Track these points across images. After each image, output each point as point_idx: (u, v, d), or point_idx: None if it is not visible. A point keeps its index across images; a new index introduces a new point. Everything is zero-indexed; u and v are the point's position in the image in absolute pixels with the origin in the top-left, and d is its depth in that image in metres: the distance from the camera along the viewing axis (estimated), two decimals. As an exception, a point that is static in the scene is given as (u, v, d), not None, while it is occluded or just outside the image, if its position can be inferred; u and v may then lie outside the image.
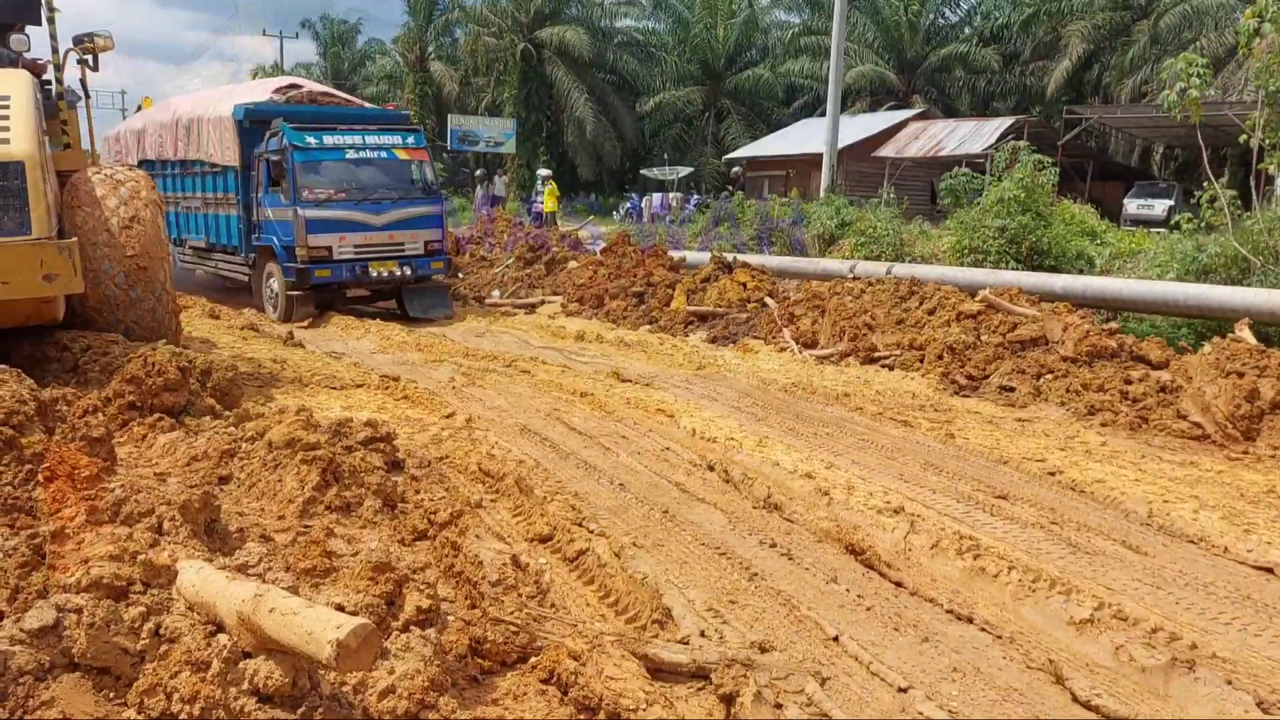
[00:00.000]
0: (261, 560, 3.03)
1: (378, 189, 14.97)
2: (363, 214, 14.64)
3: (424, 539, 4.96)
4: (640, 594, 4.22)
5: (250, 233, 15.59)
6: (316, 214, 14.22)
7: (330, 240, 14.37)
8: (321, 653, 2.17)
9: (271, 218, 14.77)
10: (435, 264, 15.43)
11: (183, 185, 18.10)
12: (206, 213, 17.15)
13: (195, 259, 18.64)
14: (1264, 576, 4.91)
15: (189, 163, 17.38)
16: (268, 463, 5.54)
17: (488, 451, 6.84)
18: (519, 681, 3.45)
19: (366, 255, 14.69)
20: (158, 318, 8.34)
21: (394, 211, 14.92)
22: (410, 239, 15.01)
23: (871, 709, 3.47)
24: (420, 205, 15.24)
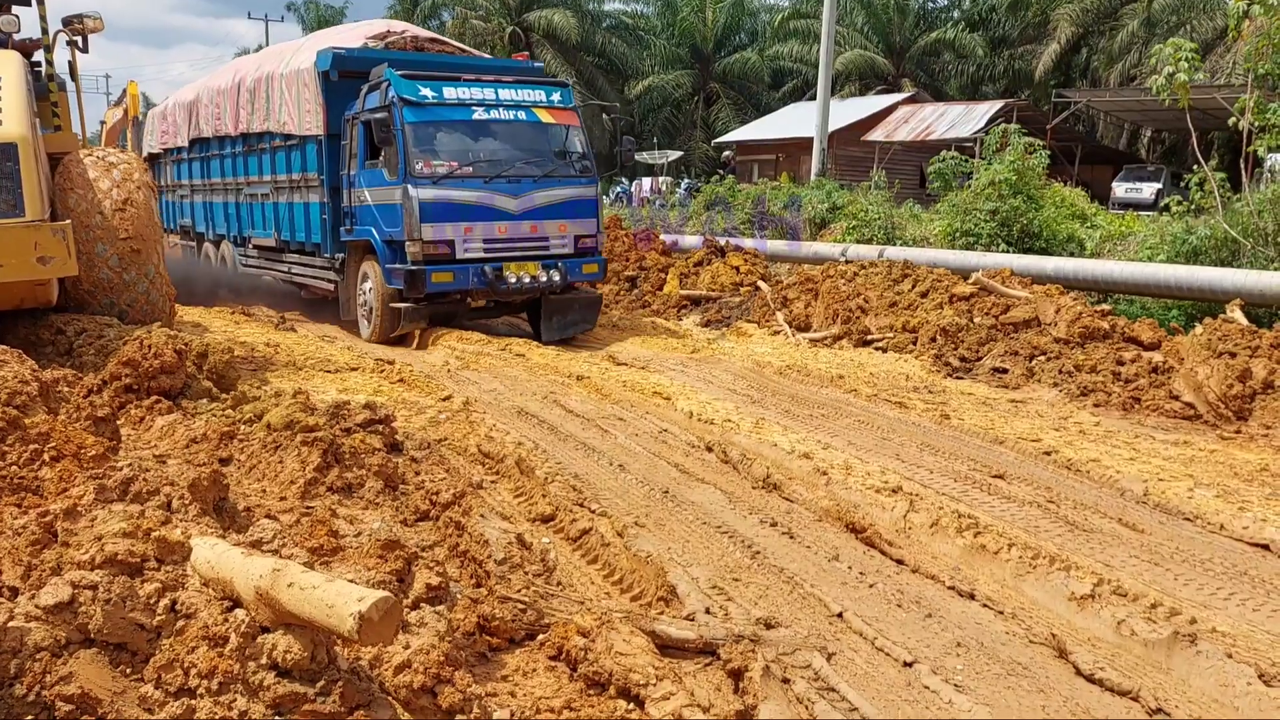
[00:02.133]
0: (275, 537, 3.04)
1: (515, 163, 11.21)
2: (497, 196, 10.93)
3: (426, 519, 4.97)
4: (645, 572, 4.24)
5: (338, 225, 12.15)
6: (435, 195, 10.58)
7: (453, 232, 10.69)
8: (343, 626, 2.17)
9: (369, 202, 11.23)
10: (588, 267, 11.59)
11: (246, 167, 14.56)
12: (278, 201, 13.63)
13: (262, 262, 14.88)
14: (1260, 553, 4.97)
15: (254, 138, 14.00)
16: (268, 444, 5.53)
17: (486, 434, 6.85)
18: (528, 658, 3.47)
19: (500, 253, 10.97)
20: (151, 300, 8.31)
21: (537, 194, 11.17)
22: (557, 232, 11.33)
23: (878, 683, 3.50)
24: (570, 186, 11.43)
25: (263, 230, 14.45)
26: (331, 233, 12.29)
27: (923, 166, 28.65)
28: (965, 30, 40.78)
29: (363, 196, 11.48)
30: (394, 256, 11.06)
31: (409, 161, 10.63)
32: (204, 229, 17.00)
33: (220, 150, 15.42)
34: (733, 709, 3.19)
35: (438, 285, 10.81)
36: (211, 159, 16.01)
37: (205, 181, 16.45)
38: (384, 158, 10.90)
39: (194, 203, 17.38)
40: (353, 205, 11.74)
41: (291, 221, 13.39)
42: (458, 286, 10.98)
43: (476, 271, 10.88)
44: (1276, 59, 12.98)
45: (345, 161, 11.82)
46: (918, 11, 43.47)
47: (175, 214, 18.82)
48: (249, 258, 15.43)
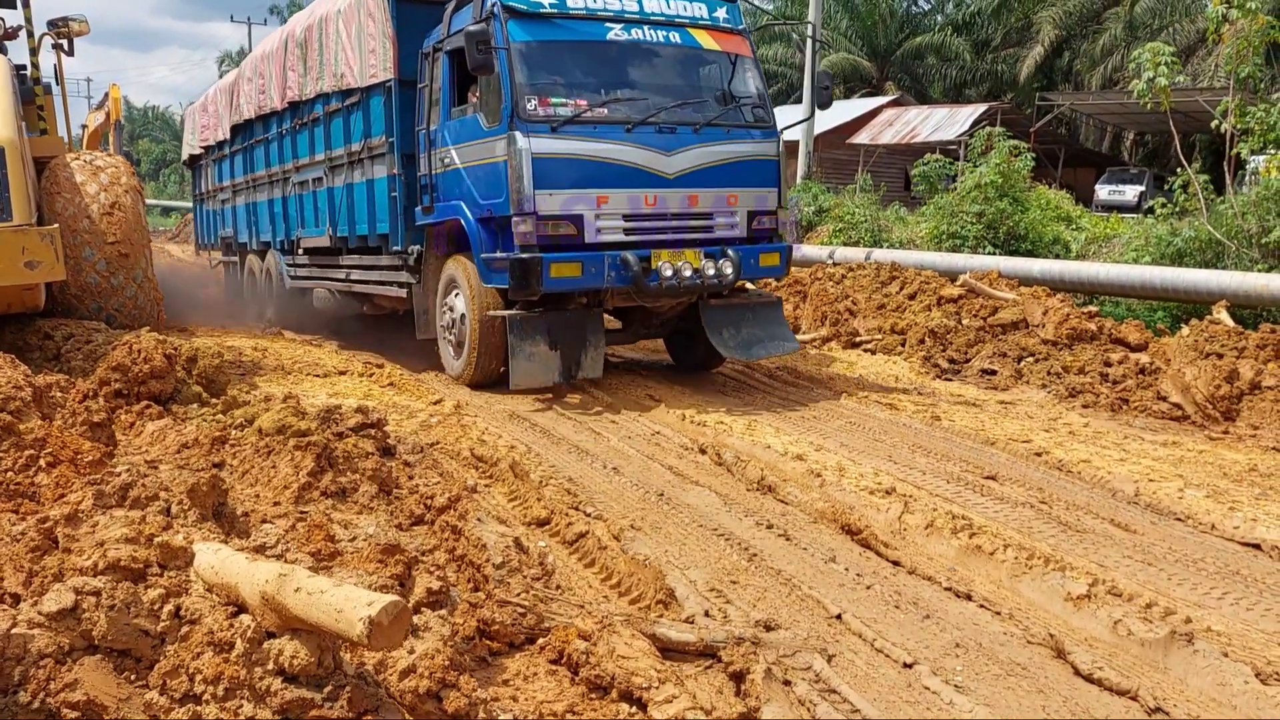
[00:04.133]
0: (279, 542, 3.02)
1: (668, 105, 8.02)
2: (643, 152, 7.76)
3: (421, 524, 4.95)
4: (643, 575, 4.24)
5: (412, 206, 9.10)
6: (554, 148, 7.53)
7: (580, 203, 7.62)
8: (352, 630, 2.17)
9: (458, 164, 8.26)
10: (767, 258, 8.40)
11: (294, 148, 11.91)
12: (333, 185, 10.81)
13: (313, 270, 12.03)
14: (1251, 553, 5.00)
15: (305, 106, 11.39)
16: (260, 449, 5.51)
17: (479, 437, 6.84)
18: (528, 662, 3.46)
19: (647, 235, 7.90)
20: (139, 305, 8.26)
21: (698, 151, 8.01)
22: (725, 205, 8.19)
23: (879, 684, 3.50)
24: (743, 141, 8.30)
25: (314, 227, 11.60)
26: (404, 217, 9.21)
27: (907, 169, 28.78)
28: (950, 34, 40.99)
29: (448, 158, 8.43)
30: (493, 241, 7.93)
31: (517, 98, 7.44)
32: (246, 238, 14.45)
33: (265, 133, 12.98)
34: (735, 711, 3.19)
35: (559, 282, 7.49)
36: (254, 147, 13.62)
37: (247, 178, 14.06)
38: (479, 99, 7.91)
39: (235, 207, 15.01)
40: (434, 173, 8.65)
41: (350, 209, 10.39)
42: (588, 283, 7.65)
43: (614, 262, 7.57)
44: (1257, 62, 13.12)
45: (423, 113, 8.84)
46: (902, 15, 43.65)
47: (215, 224, 16.49)
48: (298, 266, 12.48)
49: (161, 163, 54.25)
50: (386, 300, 10.50)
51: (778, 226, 8.65)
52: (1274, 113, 12.16)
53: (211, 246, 17.07)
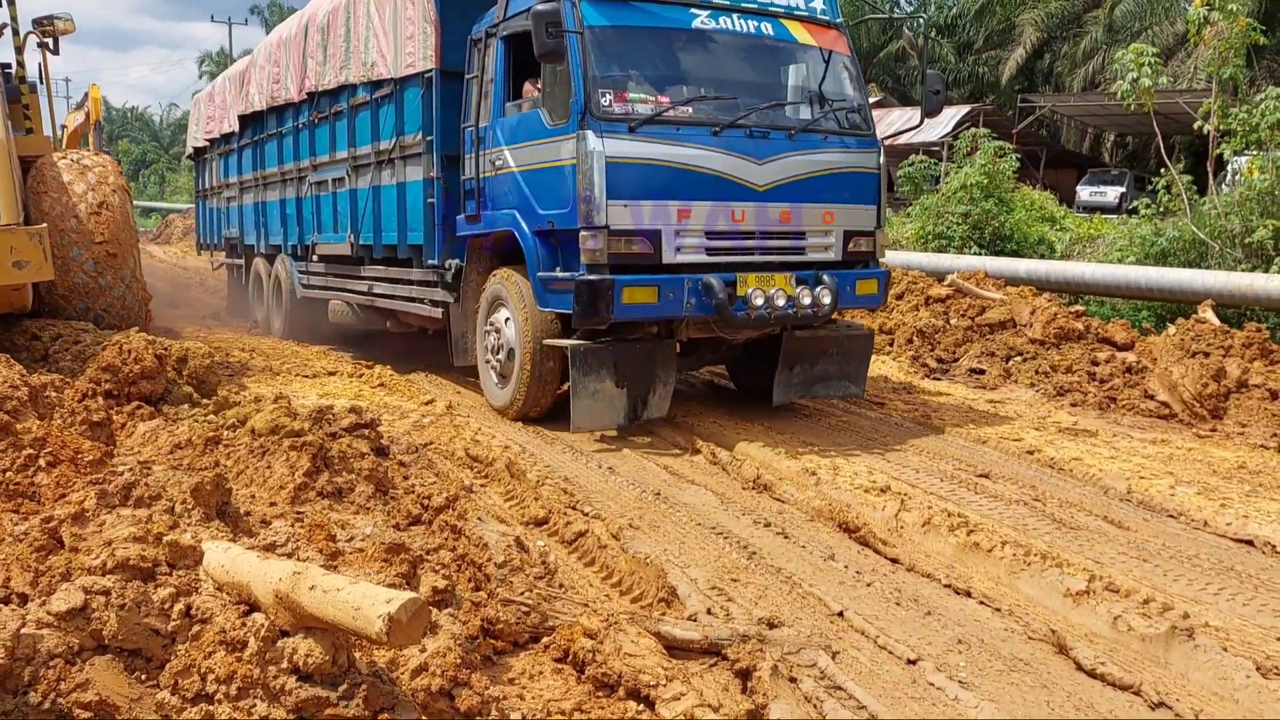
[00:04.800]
0: (289, 540, 3.01)
1: (759, 105, 7.07)
2: (733, 159, 6.79)
3: (419, 524, 4.93)
4: (644, 574, 4.24)
5: (452, 214, 8.10)
6: (632, 151, 6.53)
7: (659, 216, 6.61)
8: (371, 628, 2.16)
9: (512, 167, 7.24)
10: (865, 285, 7.40)
11: (312, 144, 10.82)
12: (356, 187, 9.76)
13: (329, 280, 10.95)
14: (1244, 549, 5.05)
15: (327, 98, 10.34)
16: (255, 450, 5.47)
17: (472, 437, 6.82)
18: (533, 661, 3.45)
19: (732, 255, 6.91)
20: (127, 305, 8.20)
21: (791, 159, 7.01)
22: (819, 223, 7.20)
23: (883, 681, 3.51)
24: (841, 150, 7.32)
25: (333, 233, 10.55)
26: (443, 226, 8.14)
27: (891, 170, 28.87)
28: (932, 35, 41.17)
29: (499, 160, 7.39)
30: (552, 258, 6.89)
31: (590, 92, 6.42)
32: (254, 240, 13.28)
33: (279, 126, 11.88)
34: (743, 709, 3.19)
35: (632, 309, 6.48)
36: (265, 141, 12.55)
37: (257, 174, 12.91)
38: (542, 92, 6.92)
39: (242, 206, 13.81)
40: (481, 177, 7.58)
41: (376, 215, 9.33)
42: (664, 312, 6.62)
43: (696, 286, 6.57)
44: (1238, 63, 13.25)
45: (470, 108, 7.77)
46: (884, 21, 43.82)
47: (218, 223, 15.25)
48: (312, 275, 11.38)
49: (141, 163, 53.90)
50: (415, 318, 9.32)
51: (876, 249, 7.61)
52: (1256, 114, 12.28)
53: (214, 247, 15.92)
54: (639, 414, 6.90)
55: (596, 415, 6.79)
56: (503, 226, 7.39)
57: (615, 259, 6.49)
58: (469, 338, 8.12)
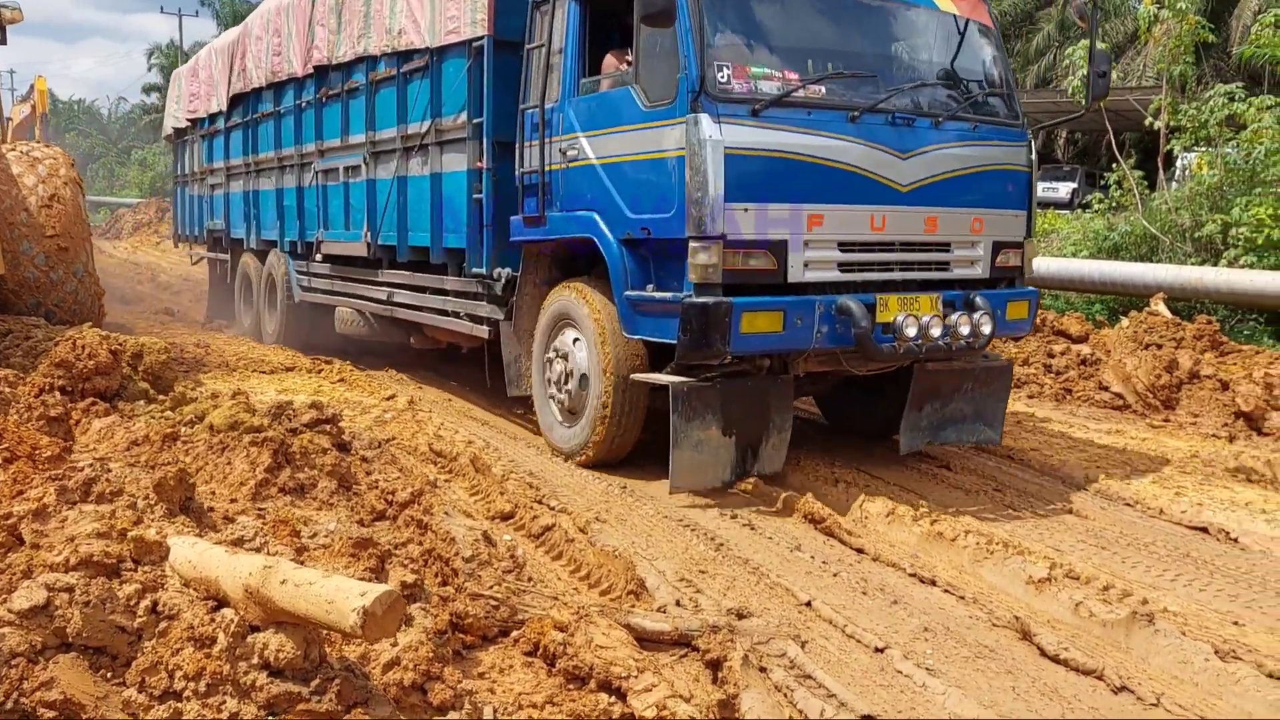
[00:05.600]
0: (257, 535, 2.97)
1: (901, 85, 5.87)
2: (873, 151, 5.58)
3: (383, 519, 4.89)
4: (613, 566, 4.24)
5: (504, 213, 6.83)
6: (754, 139, 5.33)
7: (785, 222, 5.42)
8: (345, 622, 2.13)
9: (590, 158, 6.01)
10: (1015, 308, 6.19)
11: (319, 127, 9.54)
12: (375, 177, 8.49)
13: (336, 284, 9.60)
14: (1199, 536, 5.15)
15: (339, 74, 9.02)
16: (214, 446, 5.39)
17: (435, 432, 6.78)
18: (503, 655, 3.43)
19: (867, 273, 5.71)
20: (80, 300, 8.05)
21: (937, 153, 5.82)
22: (967, 231, 6.02)
23: (852, 669, 3.54)
24: (990, 143, 6.10)
25: (343, 230, 9.17)
26: (492, 227, 6.88)
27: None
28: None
29: (573, 150, 6.12)
30: (643, 272, 5.69)
31: (705, 64, 5.18)
32: (243, 233, 11.83)
33: (277, 105, 10.47)
34: (714, 699, 3.20)
35: (753, 340, 5.28)
36: (261, 123, 11.14)
37: (249, 160, 11.46)
38: (634, 65, 5.70)
39: (229, 194, 12.37)
40: (547, 168, 6.28)
41: (401, 211, 8.06)
42: (790, 343, 5.42)
43: (829, 312, 5.37)
44: (1187, 60, 13.49)
45: (531, 85, 6.48)
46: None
47: (199, 213, 13.70)
48: (314, 276, 9.99)
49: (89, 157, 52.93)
50: (448, 334, 8.06)
51: (1024, 264, 6.36)
52: (1204, 110, 12.52)
53: (194, 239, 14.26)
54: (747, 467, 5.61)
55: (699, 471, 5.46)
56: (576, 232, 6.08)
57: (730, 276, 5.24)
58: (522, 363, 6.78)
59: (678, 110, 5.31)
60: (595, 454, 6.03)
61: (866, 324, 5.32)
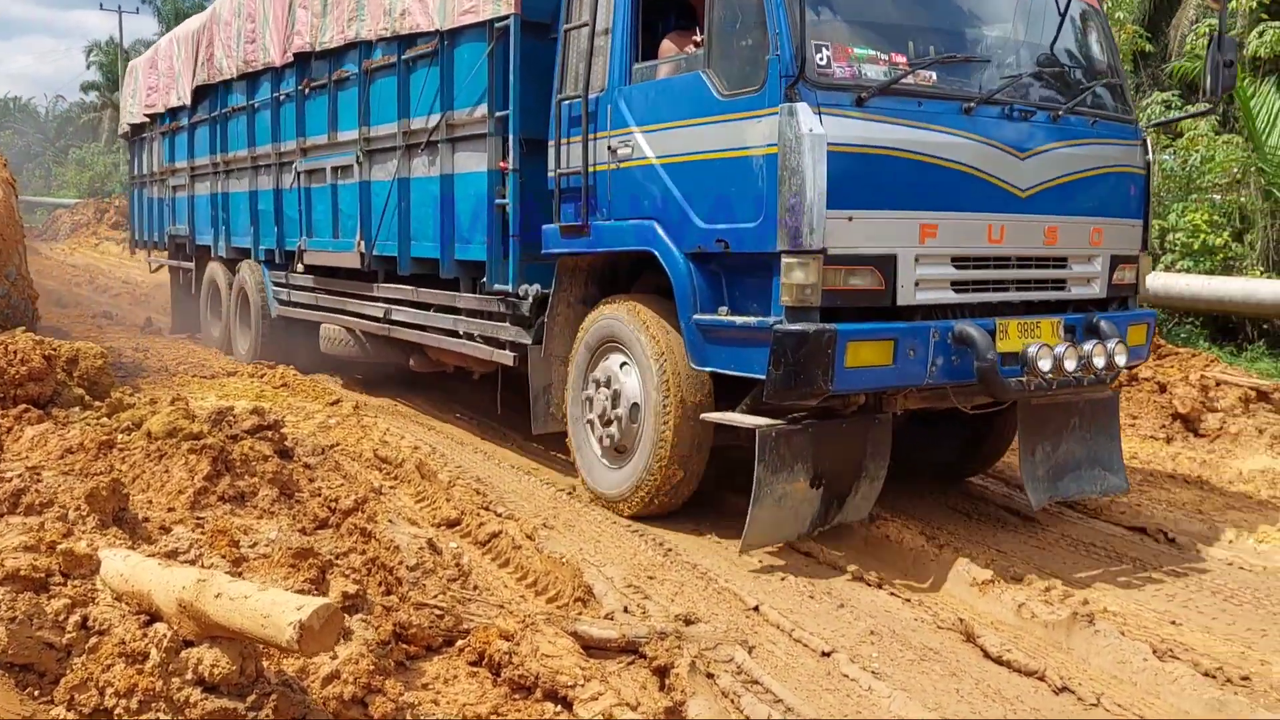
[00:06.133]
0: (192, 547, 2.90)
1: (1017, 73, 5.17)
2: (989, 149, 4.79)
3: (326, 527, 4.81)
4: (560, 573, 4.21)
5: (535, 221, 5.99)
6: (861, 134, 4.49)
7: (895, 233, 4.60)
8: (281, 636, 2.08)
9: (649, 155, 5.21)
10: (1135, 332, 5.44)
11: (301, 123, 8.66)
12: (370, 179, 7.65)
13: (319, 299, 8.71)
14: (1138, 536, 5.24)
15: (321, 63, 8.22)
16: (151, 453, 5.28)
17: (380, 438, 6.70)
18: (447, 665, 3.39)
19: (983, 293, 4.93)
20: (13, 304, 7.85)
21: (1056, 151, 5.07)
22: (1085, 242, 5.29)
23: (799, 674, 3.55)
24: (1106, 140, 5.34)
25: (330, 238, 8.29)
26: (519, 237, 6.06)
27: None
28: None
29: (625, 147, 5.32)
30: (714, 293, 4.88)
31: (803, 42, 4.39)
32: (210, 240, 10.86)
33: (251, 98, 9.53)
34: (661, 706, 3.19)
35: (860, 376, 4.51)
36: (232, 118, 10.14)
37: (217, 159, 10.46)
38: (708, 46, 4.86)
39: (194, 196, 11.33)
40: (591, 170, 5.51)
41: (403, 217, 7.22)
42: (901, 379, 4.65)
43: (944, 340, 4.62)
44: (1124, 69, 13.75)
45: (569, 72, 5.68)
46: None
47: (160, 217, 12.59)
48: (295, 289, 9.09)
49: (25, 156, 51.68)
50: (457, 357, 7.17)
51: (1139, 281, 5.62)
52: (1141, 118, 12.78)
53: (154, 245, 13.17)
54: (828, 518, 4.83)
55: (778, 527, 4.68)
56: (631, 245, 5.29)
57: (829, 298, 4.42)
58: (555, 394, 5.89)
59: (766, 99, 4.49)
60: (648, 502, 5.14)
61: (993, 356, 4.54)
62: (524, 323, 6.02)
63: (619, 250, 5.43)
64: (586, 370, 5.57)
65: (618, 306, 5.41)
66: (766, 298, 4.56)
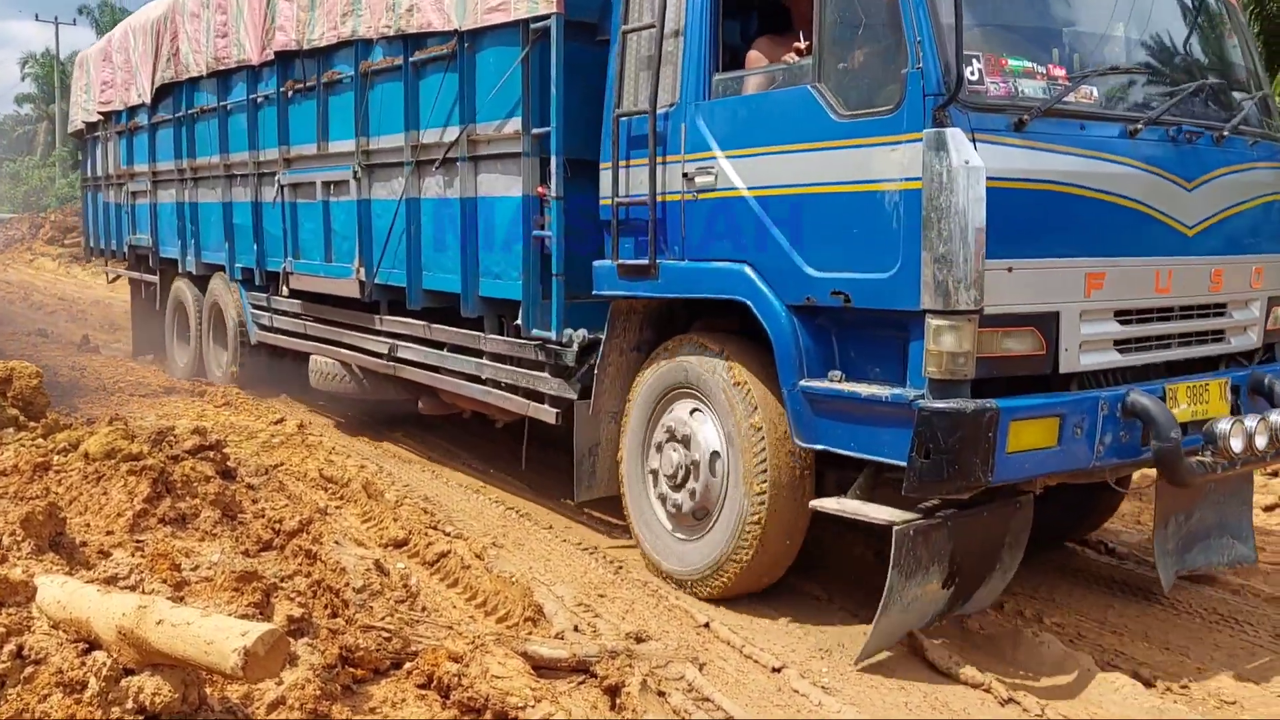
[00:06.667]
0: (132, 572, 2.83)
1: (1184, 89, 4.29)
2: (1156, 179, 4.01)
3: (270, 549, 4.74)
4: (510, 593, 4.18)
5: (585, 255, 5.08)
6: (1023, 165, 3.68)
7: (1060, 285, 3.78)
8: (225, 663, 2.05)
9: (738, 186, 4.27)
10: None
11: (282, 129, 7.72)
12: (371, 198, 6.71)
13: (307, 327, 7.79)
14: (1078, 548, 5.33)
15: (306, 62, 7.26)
16: (89, 475, 5.18)
17: (326, 457, 6.62)
18: (395, 688, 3.34)
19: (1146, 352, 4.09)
20: (-57, 323, 7.58)
21: (1223, 178, 4.28)
22: (1245, 285, 4.47)
23: (749, 690, 3.56)
24: (1264, 163, 4.54)
25: (321, 261, 7.31)
26: (562, 276, 5.13)
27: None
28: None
29: (707, 175, 4.44)
30: (823, 353, 4.13)
31: (956, 54, 3.55)
32: (178, 253, 9.78)
33: (222, 99, 8.61)
34: (613, 725, 3.18)
35: (1022, 464, 3.71)
36: (200, 119, 9.13)
37: (183, 165, 9.41)
38: (819, 54, 4.01)
39: (157, 204, 10.26)
40: (660, 199, 4.64)
41: (413, 243, 6.26)
42: (1067, 462, 3.83)
43: (1113, 412, 3.84)
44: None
45: (625, 83, 4.84)
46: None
47: (118, 224, 11.48)
48: (279, 314, 8.17)
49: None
50: (477, 404, 6.19)
51: None
52: None
53: (111, 254, 12.03)
54: (950, 612, 4.11)
55: (900, 629, 3.93)
56: (715, 291, 4.40)
57: (982, 368, 3.63)
58: (602, 454, 5.08)
59: (905, 123, 3.67)
60: (734, 581, 4.28)
61: (1177, 434, 3.75)
62: (565, 373, 5.15)
63: (700, 297, 4.53)
64: (649, 424, 4.72)
65: (694, 344, 4.51)
66: (897, 363, 3.78)
